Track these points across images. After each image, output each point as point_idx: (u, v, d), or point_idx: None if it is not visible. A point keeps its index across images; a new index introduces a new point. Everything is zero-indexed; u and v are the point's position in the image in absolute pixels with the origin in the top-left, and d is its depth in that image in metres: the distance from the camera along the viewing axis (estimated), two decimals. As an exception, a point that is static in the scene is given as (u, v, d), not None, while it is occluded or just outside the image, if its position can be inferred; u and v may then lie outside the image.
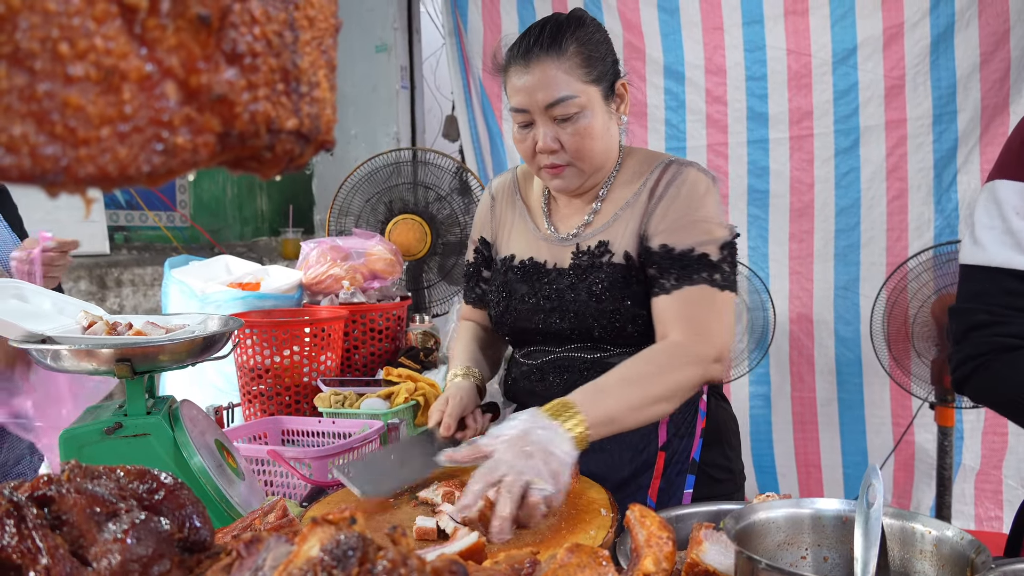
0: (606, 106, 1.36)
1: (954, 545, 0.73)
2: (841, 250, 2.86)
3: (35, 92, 0.29)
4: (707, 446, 1.42)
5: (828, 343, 2.95)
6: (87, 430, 1.05)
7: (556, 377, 1.42)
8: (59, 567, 0.47)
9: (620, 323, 1.35)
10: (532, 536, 1.01)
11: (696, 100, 3.05)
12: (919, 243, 2.75)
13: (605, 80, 1.34)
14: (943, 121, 2.67)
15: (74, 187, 0.32)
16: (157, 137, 0.34)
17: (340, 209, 2.75)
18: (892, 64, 2.72)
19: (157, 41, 0.33)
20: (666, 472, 1.39)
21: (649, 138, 3.15)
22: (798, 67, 2.85)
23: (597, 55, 1.33)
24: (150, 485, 0.58)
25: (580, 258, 1.40)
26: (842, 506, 0.81)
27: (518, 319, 1.45)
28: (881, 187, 2.78)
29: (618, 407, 1.15)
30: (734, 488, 1.47)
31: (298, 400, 1.84)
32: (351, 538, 0.49)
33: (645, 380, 1.19)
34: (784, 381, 3.03)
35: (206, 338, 1.10)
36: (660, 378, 1.20)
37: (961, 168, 2.68)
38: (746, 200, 2.99)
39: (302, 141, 0.42)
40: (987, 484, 2.84)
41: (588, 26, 1.35)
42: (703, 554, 0.82)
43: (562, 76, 1.30)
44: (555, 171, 1.37)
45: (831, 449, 3.01)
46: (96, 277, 3.22)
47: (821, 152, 2.84)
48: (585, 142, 1.33)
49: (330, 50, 0.44)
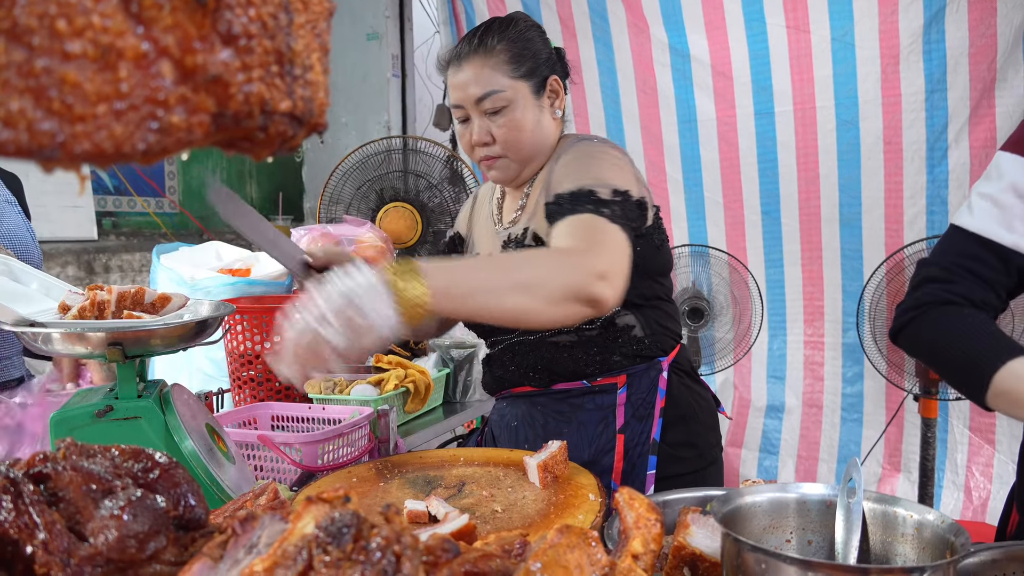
0: (536, 100, 1.42)
1: (935, 529, 0.75)
2: (846, 216, 3.00)
3: (33, 68, 0.29)
4: (669, 425, 1.43)
5: (836, 314, 3.09)
6: (78, 412, 1.05)
7: (511, 362, 1.49)
8: (57, 542, 0.48)
9: None
10: (521, 520, 1.02)
11: (703, 76, 3.12)
12: (913, 210, 2.90)
13: (535, 76, 1.41)
14: (935, 99, 2.78)
15: (70, 163, 0.32)
16: (152, 116, 0.34)
17: (331, 197, 2.75)
18: (887, 43, 2.80)
19: (153, 20, 0.34)
20: (627, 454, 1.41)
21: (661, 114, 3.25)
22: (798, 44, 2.93)
23: (526, 52, 1.41)
24: (145, 464, 0.58)
25: (508, 247, 1.46)
26: (826, 491, 0.83)
27: None
28: (879, 158, 2.91)
29: (468, 281, 1.05)
30: (704, 464, 1.47)
31: (288, 387, 1.84)
32: (346, 515, 0.50)
33: (510, 264, 1.13)
34: (798, 341, 3.18)
35: (198, 323, 1.10)
36: (527, 266, 1.10)
37: (952, 143, 2.79)
38: (756, 169, 3.12)
39: (295, 123, 0.42)
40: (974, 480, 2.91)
41: (519, 26, 1.43)
42: (690, 537, 0.83)
43: (488, 72, 1.38)
44: (490, 163, 1.44)
45: (831, 427, 3.15)
46: (84, 263, 3.21)
47: (824, 124, 2.97)
48: (513, 134, 1.40)
49: (324, 33, 0.44)
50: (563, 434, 1.43)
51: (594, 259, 1.12)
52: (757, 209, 3.16)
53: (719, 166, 3.19)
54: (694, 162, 3.23)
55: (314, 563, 0.52)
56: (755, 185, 3.14)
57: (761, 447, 3.29)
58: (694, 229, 3.31)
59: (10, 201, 1.77)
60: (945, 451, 2.93)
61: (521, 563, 0.64)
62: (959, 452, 2.93)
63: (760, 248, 3.18)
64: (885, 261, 2.71)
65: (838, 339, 3.11)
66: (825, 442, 3.16)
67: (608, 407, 1.44)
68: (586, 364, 1.44)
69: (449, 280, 1.01)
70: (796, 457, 3.22)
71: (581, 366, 1.44)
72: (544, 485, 1.12)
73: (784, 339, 3.22)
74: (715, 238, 3.26)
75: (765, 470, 3.26)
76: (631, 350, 1.43)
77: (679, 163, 3.25)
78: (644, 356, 1.44)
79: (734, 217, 3.21)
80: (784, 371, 3.23)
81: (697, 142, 3.21)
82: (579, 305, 1.09)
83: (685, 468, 1.43)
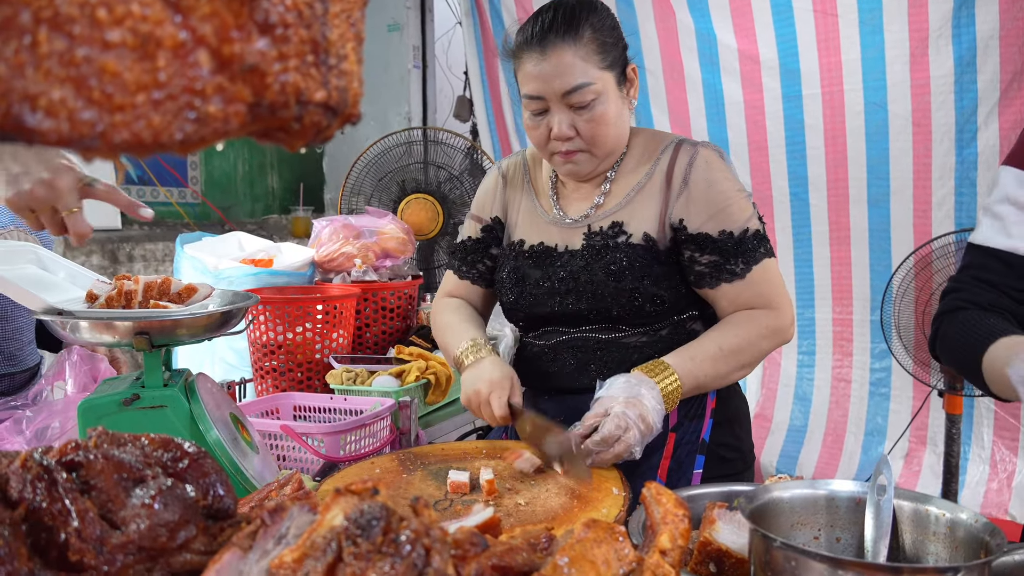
0: (619, 92, 1.35)
1: (968, 528, 0.73)
2: (874, 197, 3.01)
3: (74, 57, 0.29)
4: (717, 426, 1.43)
5: (864, 292, 3.10)
6: (105, 401, 1.06)
7: (571, 357, 1.42)
8: (89, 530, 0.48)
9: (639, 302, 1.35)
10: (544, 513, 1.02)
11: (730, 60, 3.12)
12: (942, 192, 2.89)
13: (618, 66, 1.34)
14: (964, 81, 2.77)
15: (109, 153, 0.32)
16: (190, 105, 0.34)
17: (352, 188, 2.76)
18: (916, 27, 2.78)
19: (191, 9, 0.33)
20: (676, 453, 1.40)
21: (689, 98, 3.25)
22: (826, 27, 2.91)
23: (611, 40, 1.33)
24: (174, 453, 0.59)
25: (593, 239, 1.40)
26: (856, 488, 0.82)
27: (534, 304, 1.44)
28: (908, 140, 2.90)
29: (707, 376, 1.32)
30: (743, 467, 1.47)
31: (310, 377, 1.85)
32: (375, 508, 0.50)
33: (737, 353, 1.34)
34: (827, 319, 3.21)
35: (223, 313, 1.11)
36: (748, 350, 1.35)
37: (982, 126, 2.78)
38: (784, 151, 3.13)
39: (330, 113, 0.42)
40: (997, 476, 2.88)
41: (600, 11, 1.35)
42: (716, 533, 0.82)
43: (579, 63, 1.29)
44: (568, 157, 1.37)
45: (859, 401, 3.17)
46: (108, 252, 3.24)
47: (852, 106, 2.96)
48: (600, 129, 1.33)
49: (358, 23, 0.44)
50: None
51: (785, 318, 1.38)
52: (785, 190, 3.18)
53: (747, 148, 3.20)
54: (722, 144, 3.24)
55: (343, 555, 0.52)
56: (783, 167, 3.15)
57: (790, 422, 3.33)
58: None
59: None
60: (971, 425, 2.91)
61: (548, 557, 0.64)
62: (984, 426, 2.92)
63: (789, 228, 3.20)
64: (912, 254, 2.67)
65: (866, 316, 3.13)
66: (853, 415, 3.19)
67: None
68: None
69: (694, 379, 1.31)
70: (824, 430, 3.25)
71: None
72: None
73: (813, 316, 3.24)
74: None
75: (792, 440, 3.29)
76: None
77: (703, 102, 3.26)
78: None
79: (762, 198, 3.23)
80: (814, 347, 3.26)
81: (725, 125, 3.22)
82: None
83: (729, 470, 1.43)
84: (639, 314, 1.37)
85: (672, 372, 1.28)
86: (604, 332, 1.40)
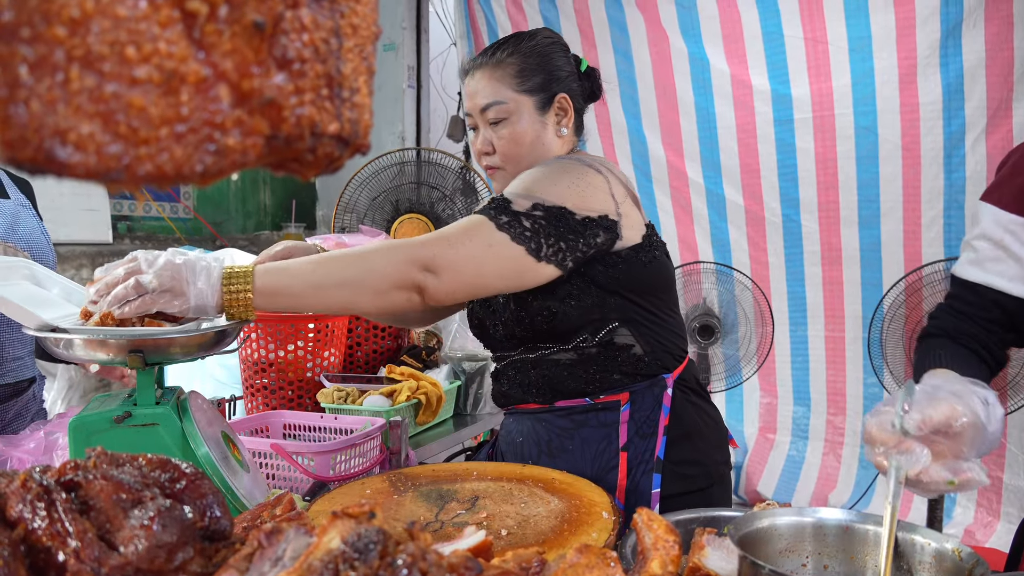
0: (539, 115, 1.44)
1: (953, 558, 0.75)
2: (864, 218, 3.08)
3: (103, 93, 0.30)
4: (672, 443, 1.41)
5: (856, 310, 3.16)
6: (97, 418, 1.06)
7: (514, 378, 1.48)
8: (88, 550, 0.48)
9: (528, 319, 1.39)
10: (535, 537, 1.02)
11: (722, 84, 3.19)
12: (931, 214, 2.96)
13: (543, 91, 1.44)
14: (952, 108, 2.84)
15: (132, 184, 0.33)
16: (210, 138, 0.35)
17: (345, 206, 2.77)
18: (905, 54, 2.87)
19: (214, 46, 0.34)
20: (631, 472, 1.39)
21: (682, 121, 3.32)
22: (816, 54, 3.00)
23: (537, 67, 1.44)
24: (172, 474, 0.59)
25: None
26: (844, 516, 0.83)
27: (476, 329, 1.55)
28: (898, 163, 2.97)
29: (297, 283, 1.15)
30: (707, 483, 1.44)
31: (300, 395, 1.85)
32: (371, 531, 0.51)
33: (343, 261, 1.20)
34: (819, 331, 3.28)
35: (217, 332, 1.11)
36: (358, 261, 1.19)
37: (969, 151, 2.86)
38: (776, 174, 3.20)
39: (342, 145, 0.43)
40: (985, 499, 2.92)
41: (535, 40, 1.46)
42: (705, 559, 0.83)
43: (495, 83, 1.43)
44: (491, 172, 1.50)
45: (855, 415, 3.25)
46: (98, 266, 3.23)
47: (843, 130, 3.04)
48: (512, 147, 1.43)
49: (370, 57, 0.45)
50: (567, 450, 1.43)
51: (420, 249, 1.19)
52: (778, 212, 3.24)
53: (739, 170, 3.27)
54: (714, 166, 3.30)
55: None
56: (775, 190, 3.22)
57: (792, 431, 3.39)
58: (715, 230, 3.41)
59: (24, 205, 1.79)
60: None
61: (541, 582, 0.64)
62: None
63: (781, 249, 3.27)
64: (902, 279, 2.73)
65: (858, 334, 3.18)
66: (849, 430, 3.24)
67: (611, 424, 1.42)
68: (586, 382, 1.42)
69: (278, 282, 1.13)
70: (823, 440, 3.33)
71: (582, 384, 1.42)
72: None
73: (806, 334, 3.30)
74: (736, 239, 3.37)
75: (796, 448, 3.37)
76: (631, 368, 1.42)
77: (699, 167, 3.33)
78: (645, 374, 1.43)
79: (755, 218, 3.28)
80: (807, 364, 3.32)
81: (717, 147, 3.29)
82: (403, 293, 1.19)
83: (690, 486, 1.42)
84: (537, 332, 1.39)
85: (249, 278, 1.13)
86: (533, 351, 1.45)
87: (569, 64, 1.48)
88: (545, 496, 1.17)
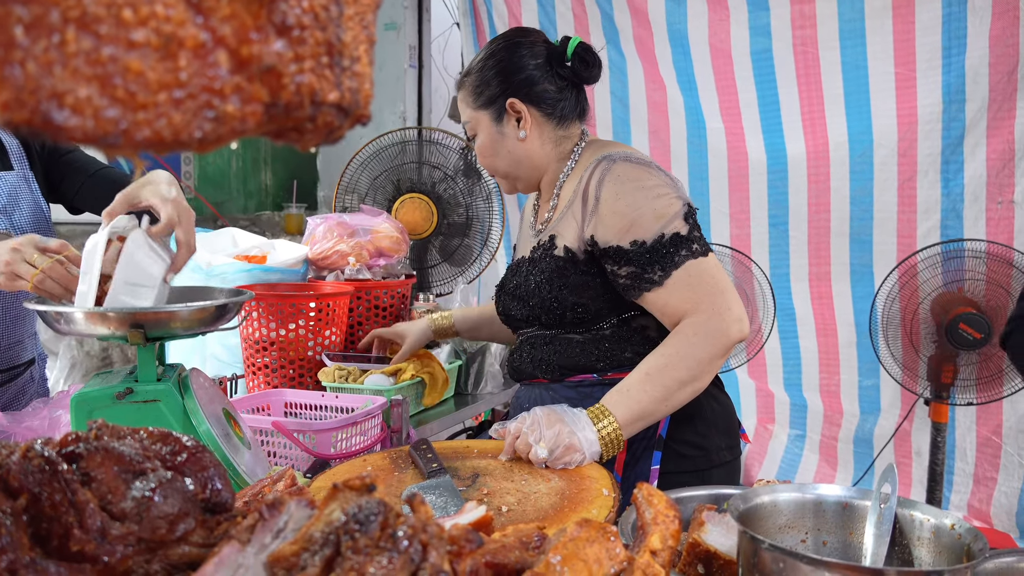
0: (496, 127, 1.51)
1: (952, 534, 0.75)
2: (856, 230, 2.96)
3: (100, 56, 0.30)
4: (675, 423, 1.44)
5: (847, 323, 3.07)
6: (98, 394, 1.06)
7: (527, 354, 1.54)
8: (90, 520, 0.48)
9: (560, 311, 1.45)
10: (535, 513, 1.03)
11: (708, 90, 3.09)
12: (927, 224, 2.85)
13: (493, 104, 1.49)
14: (952, 110, 2.74)
15: (130, 150, 0.32)
16: (209, 104, 0.35)
17: (346, 186, 2.76)
18: (903, 60, 2.76)
19: (212, 10, 0.34)
20: (632, 447, 1.42)
21: (671, 121, 3.22)
22: (806, 55, 2.90)
23: (483, 82, 1.50)
24: (172, 447, 0.59)
25: (536, 251, 1.51)
26: (843, 493, 0.83)
27: (498, 304, 1.62)
28: (893, 171, 2.86)
29: (643, 403, 1.29)
30: (707, 465, 1.46)
31: (301, 374, 1.85)
32: (372, 503, 0.51)
33: (664, 371, 1.30)
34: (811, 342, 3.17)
35: (218, 307, 1.11)
36: (678, 364, 1.30)
37: (968, 156, 2.75)
38: (766, 180, 3.07)
39: (342, 114, 0.42)
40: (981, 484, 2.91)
41: (487, 52, 1.51)
42: (705, 535, 0.83)
43: (463, 104, 1.54)
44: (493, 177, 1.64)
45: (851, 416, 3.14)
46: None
47: (835, 136, 2.92)
48: (484, 159, 1.56)
49: (371, 25, 0.44)
50: None
51: (719, 321, 1.30)
52: (765, 221, 3.12)
53: (727, 175, 3.15)
54: (702, 170, 3.20)
55: (342, 549, 0.53)
56: (763, 196, 3.10)
57: (790, 422, 3.32)
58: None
59: (28, 179, 1.77)
60: (955, 434, 2.93)
61: (541, 555, 0.65)
62: (968, 436, 2.93)
63: (766, 262, 3.13)
64: (899, 265, 2.69)
65: (852, 339, 3.08)
66: (844, 428, 3.16)
67: None
68: (597, 359, 1.47)
69: (628, 410, 1.28)
70: (820, 435, 3.23)
71: (592, 360, 1.47)
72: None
73: (796, 344, 3.20)
74: (719, 250, 3.25)
75: (793, 441, 3.30)
76: (643, 348, 1.43)
77: (686, 171, 3.23)
78: None
79: (740, 228, 3.17)
80: (799, 378, 3.23)
81: (706, 150, 3.17)
82: (727, 355, 1.33)
83: (689, 467, 1.44)
84: (562, 321, 1.46)
85: (608, 413, 1.28)
86: (550, 328, 1.51)
87: (534, 59, 1.49)
88: (545, 473, 1.17)
